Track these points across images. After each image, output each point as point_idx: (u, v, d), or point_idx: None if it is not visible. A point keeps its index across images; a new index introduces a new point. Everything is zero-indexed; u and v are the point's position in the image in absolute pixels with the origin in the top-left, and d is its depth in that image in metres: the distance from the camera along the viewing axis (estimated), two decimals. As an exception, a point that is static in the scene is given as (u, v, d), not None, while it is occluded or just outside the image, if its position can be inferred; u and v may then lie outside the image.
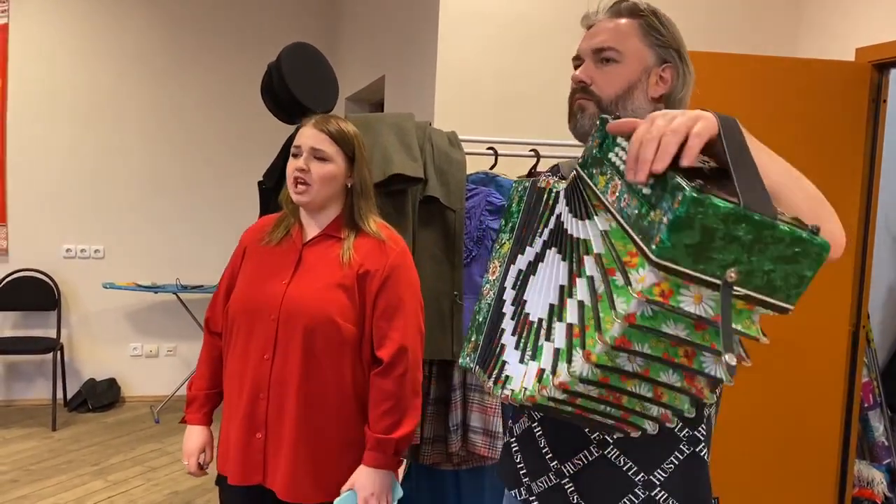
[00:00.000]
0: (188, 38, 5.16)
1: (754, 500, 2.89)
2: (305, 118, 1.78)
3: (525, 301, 1.11)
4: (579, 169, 1.04)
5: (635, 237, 0.85)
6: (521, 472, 1.33)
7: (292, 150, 1.73)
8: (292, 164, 1.71)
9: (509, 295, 1.16)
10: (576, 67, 1.31)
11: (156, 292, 4.95)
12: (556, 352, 0.97)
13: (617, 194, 0.93)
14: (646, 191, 0.84)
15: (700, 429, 1.22)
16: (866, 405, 3.34)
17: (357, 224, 1.74)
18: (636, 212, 0.86)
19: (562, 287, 1.02)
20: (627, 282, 0.85)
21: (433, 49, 2.97)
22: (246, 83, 5.05)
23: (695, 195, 0.76)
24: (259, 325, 1.69)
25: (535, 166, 2.51)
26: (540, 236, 1.12)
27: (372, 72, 4.16)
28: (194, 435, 1.81)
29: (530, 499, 1.31)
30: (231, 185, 5.10)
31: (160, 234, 5.13)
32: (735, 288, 0.79)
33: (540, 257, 1.11)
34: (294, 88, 2.09)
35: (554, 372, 0.95)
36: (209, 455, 1.83)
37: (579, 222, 1.01)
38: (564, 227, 1.04)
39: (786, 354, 2.88)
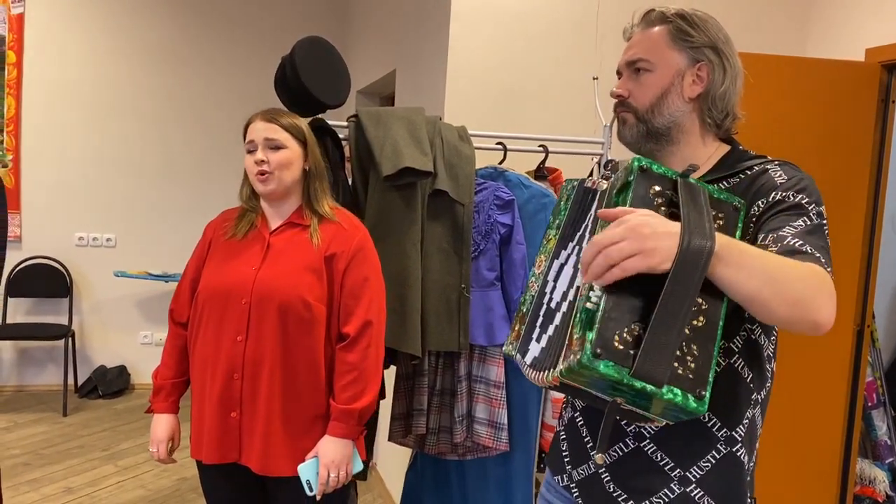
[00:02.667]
0: (202, 29, 5.20)
1: (757, 497, 2.91)
2: (252, 117, 1.86)
3: (556, 287, 1.17)
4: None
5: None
6: (566, 460, 1.37)
7: (246, 147, 1.83)
8: (250, 159, 1.81)
9: (550, 287, 1.21)
10: None
11: (166, 281, 4.99)
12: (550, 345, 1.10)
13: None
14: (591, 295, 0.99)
15: (738, 430, 1.23)
16: (870, 404, 3.35)
17: (314, 208, 1.84)
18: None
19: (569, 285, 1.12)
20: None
21: (444, 44, 2.99)
22: (259, 75, 5.08)
23: (585, 360, 0.93)
24: (231, 309, 1.76)
25: (543, 161, 2.53)
26: (579, 231, 1.18)
27: (383, 66, 4.18)
28: (162, 423, 1.87)
29: (571, 486, 1.35)
30: (242, 175, 5.10)
31: (171, 223, 5.17)
32: (622, 406, 0.98)
33: (574, 250, 1.17)
34: (307, 81, 2.11)
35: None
36: (177, 442, 1.90)
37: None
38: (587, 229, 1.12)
39: (790, 353, 2.89)
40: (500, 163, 2.49)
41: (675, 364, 0.95)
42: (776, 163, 1.25)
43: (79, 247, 5.02)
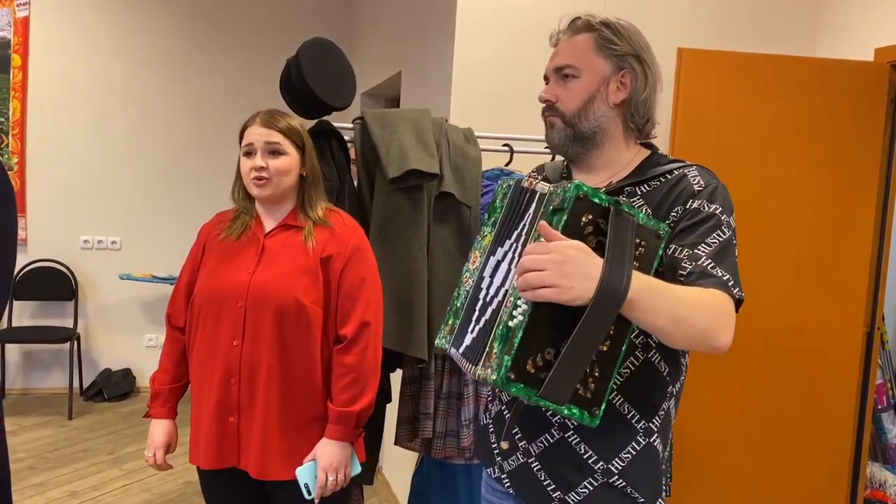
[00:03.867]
0: (207, 33, 5.20)
1: (767, 500, 2.89)
2: (249, 118, 1.85)
3: (492, 283, 1.22)
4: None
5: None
6: (495, 452, 1.42)
7: (244, 149, 1.81)
8: (248, 164, 1.79)
9: (486, 283, 1.25)
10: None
11: (171, 283, 4.98)
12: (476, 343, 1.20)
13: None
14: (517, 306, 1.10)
15: (654, 421, 1.31)
16: (879, 407, 3.32)
17: (308, 213, 1.83)
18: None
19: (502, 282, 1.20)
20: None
21: (450, 45, 2.98)
22: (265, 77, 5.08)
23: (498, 382, 1.06)
24: (226, 313, 1.75)
25: (550, 163, 2.52)
26: (516, 229, 1.23)
27: (389, 68, 4.18)
28: (160, 428, 1.86)
29: (502, 477, 1.41)
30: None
31: (176, 225, 5.17)
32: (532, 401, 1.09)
33: (512, 247, 1.22)
34: (312, 84, 2.10)
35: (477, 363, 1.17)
36: (174, 447, 1.89)
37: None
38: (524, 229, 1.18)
39: (800, 355, 2.87)
40: (507, 164, 2.48)
41: (578, 385, 1.08)
42: (694, 167, 1.32)
43: (84, 250, 5.03)
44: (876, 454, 3.37)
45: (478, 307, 1.24)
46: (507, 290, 1.15)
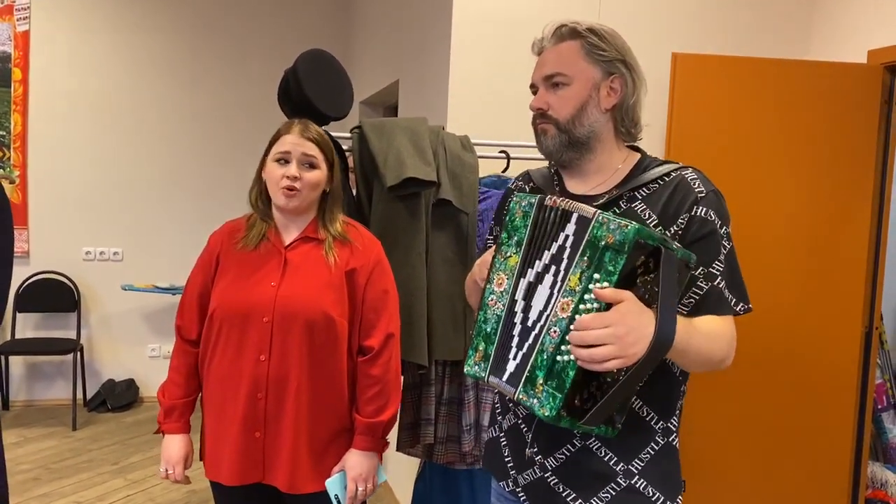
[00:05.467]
0: (206, 43, 5.23)
1: (767, 501, 2.90)
2: (284, 124, 1.82)
3: (531, 307, 1.21)
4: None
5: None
6: (509, 465, 1.42)
7: (277, 155, 1.76)
8: (281, 171, 1.74)
9: (520, 306, 1.23)
10: (534, 94, 1.44)
11: (174, 294, 5.01)
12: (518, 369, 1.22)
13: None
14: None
15: (672, 420, 1.35)
16: (879, 407, 3.33)
17: (327, 226, 1.81)
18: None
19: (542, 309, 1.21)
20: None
21: (446, 54, 3.00)
22: (263, 88, 5.11)
23: (549, 418, 1.13)
24: (251, 328, 1.72)
25: (547, 169, 2.54)
26: (549, 249, 1.21)
27: (386, 76, 4.20)
28: (177, 444, 1.81)
29: (517, 490, 1.40)
30: (247, 188, 5.13)
31: (178, 236, 5.19)
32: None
33: (547, 268, 1.21)
34: (310, 93, 2.12)
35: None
36: (191, 461, 1.85)
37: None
38: (565, 255, 1.19)
39: (799, 356, 2.88)
40: (504, 171, 2.50)
41: None
42: (689, 169, 1.35)
43: (86, 261, 5.05)
44: (877, 454, 3.38)
45: (516, 332, 1.23)
46: (548, 316, 1.17)
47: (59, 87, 4.93)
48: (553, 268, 1.20)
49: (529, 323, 1.21)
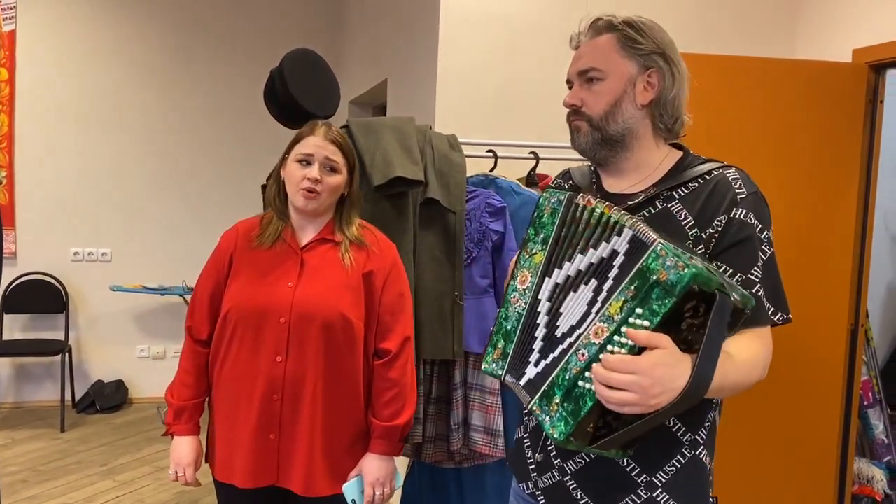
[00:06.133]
0: (193, 44, 5.22)
1: (754, 498, 2.91)
2: (307, 125, 1.80)
3: (560, 314, 1.17)
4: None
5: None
6: (531, 468, 1.38)
7: (299, 156, 1.74)
8: (303, 172, 1.72)
9: (544, 307, 1.20)
10: (570, 90, 1.38)
11: (162, 294, 4.99)
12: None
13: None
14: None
15: (701, 433, 1.26)
16: (866, 403, 3.36)
17: (344, 229, 1.80)
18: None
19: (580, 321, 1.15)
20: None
21: (434, 53, 3.01)
22: (250, 88, 5.09)
23: (558, 440, 1.09)
24: (268, 329, 1.70)
25: (534, 168, 2.55)
26: (583, 253, 1.16)
27: (374, 76, 4.20)
28: (187, 446, 1.79)
29: (536, 493, 1.36)
30: (236, 188, 5.14)
31: (166, 236, 5.18)
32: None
33: (583, 277, 1.16)
34: (296, 93, 2.12)
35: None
36: (200, 464, 1.83)
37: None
38: (612, 268, 1.12)
39: (785, 352, 2.90)
40: (491, 170, 2.50)
41: None
42: (733, 169, 1.29)
43: (74, 262, 5.02)
44: (863, 450, 3.40)
45: (539, 336, 1.19)
46: (580, 335, 1.11)
47: (46, 88, 4.90)
48: (594, 283, 1.13)
49: (558, 333, 1.16)
